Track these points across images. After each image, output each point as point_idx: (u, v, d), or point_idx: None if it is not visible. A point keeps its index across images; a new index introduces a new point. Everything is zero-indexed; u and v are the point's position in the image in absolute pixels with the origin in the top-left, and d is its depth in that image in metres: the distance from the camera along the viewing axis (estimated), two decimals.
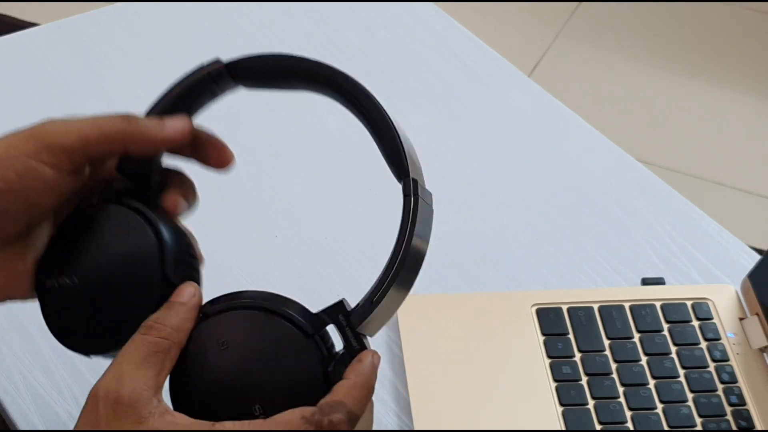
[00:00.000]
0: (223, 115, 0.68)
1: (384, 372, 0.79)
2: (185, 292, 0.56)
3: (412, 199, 0.58)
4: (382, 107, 0.61)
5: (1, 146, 0.58)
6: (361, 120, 0.62)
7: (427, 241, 0.59)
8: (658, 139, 2.17)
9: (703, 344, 0.80)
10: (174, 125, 0.60)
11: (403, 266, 0.58)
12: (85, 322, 0.58)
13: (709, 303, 0.83)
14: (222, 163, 0.63)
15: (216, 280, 0.61)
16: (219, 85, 0.64)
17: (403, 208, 0.59)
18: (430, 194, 0.59)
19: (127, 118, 0.59)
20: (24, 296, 0.61)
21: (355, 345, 0.56)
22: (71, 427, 0.75)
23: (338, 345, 0.57)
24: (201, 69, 0.63)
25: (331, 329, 0.57)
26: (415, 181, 0.59)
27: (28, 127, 0.59)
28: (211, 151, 0.63)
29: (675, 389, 0.77)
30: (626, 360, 0.79)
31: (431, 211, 0.59)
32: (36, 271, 0.59)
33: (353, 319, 0.57)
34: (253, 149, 0.97)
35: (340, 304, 0.57)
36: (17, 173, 0.57)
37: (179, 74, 0.63)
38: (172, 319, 0.55)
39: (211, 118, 0.65)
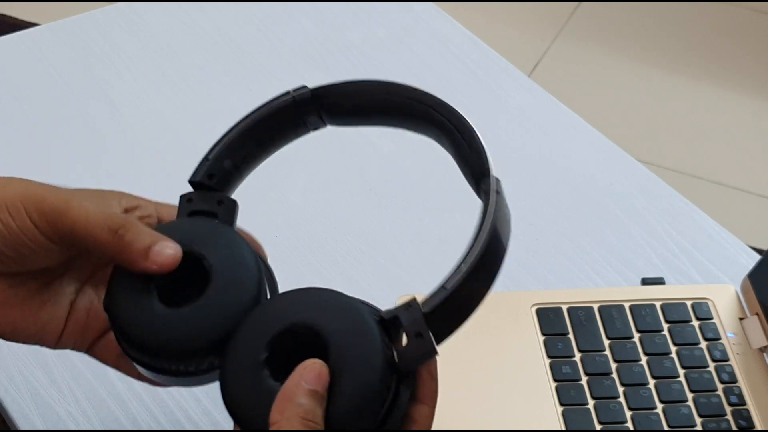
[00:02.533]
0: (220, 116, 0.68)
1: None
2: (312, 375, 0.54)
3: (492, 196, 0.57)
4: (470, 123, 0.62)
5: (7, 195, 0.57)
6: (443, 135, 0.62)
7: (509, 231, 0.58)
8: (658, 139, 2.17)
9: (703, 344, 0.80)
10: (158, 261, 0.57)
11: (484, 273, 0.56)
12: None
13: (709, 303, 0.83)
14: None
15: None
16: (303, 113, 0.64)
17: (487, 203, 0.57)
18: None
19: (117, 234, 0.57)
20: (49, 344, 0.61)
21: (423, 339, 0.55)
22: (71, 427, 0.76)
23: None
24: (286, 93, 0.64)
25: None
26: (497, 180, 0.59)
27: (25, 181, 0.58)
28: None
29: (675, 389, 0.77)
30: (626, 360, 0.79)
31: (508, 211, 0.59)
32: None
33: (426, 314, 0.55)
34: None
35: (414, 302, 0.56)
36: (18, 225, 0.57)
37: (179, 74, 0.63)
38: (319, 410, 0.53)
39: (208, 119, 0.65)
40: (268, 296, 0.59)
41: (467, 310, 0.56)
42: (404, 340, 0.55)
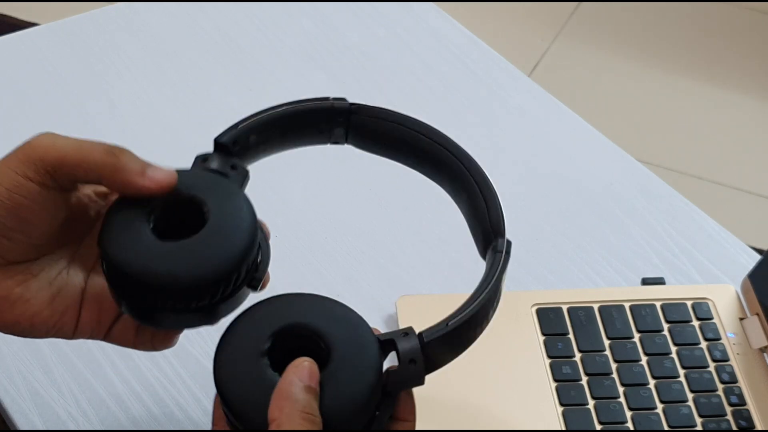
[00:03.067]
0: (220, 116, 0.68)
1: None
2: (305, 373, 0.55)
3: (504, 255, 0.61)
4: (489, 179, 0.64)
5: None
6: (459, 188, 0.65)
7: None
8: (658, 139, 2.17)
9: (703, 344, 0.80)
10: (155, 178, 0.58)
11: (482, 319, 0.60)
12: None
13: (709, 303, 0.83)
14: None
15: None
16: (330, 122, 0.65)
17: (492, 262, 0.61)
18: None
19: (113, 153, 0.58)
20: (67, 334, 0.62)
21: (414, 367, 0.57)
22: (71, 427, 0.76)
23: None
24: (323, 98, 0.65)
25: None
26: (509, 243, 0.62)
27: (24, 141, 0.59)
28: None
29: (675, 389, 0.77)
30: (626, 360, 0.79)
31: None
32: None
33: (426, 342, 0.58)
34: None
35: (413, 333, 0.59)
36: (6, 188, 0.57)
37: (179, 74, 0.64)
38: (315, 404, 0.55)
39: (208, 119, 0.65)
40: (260, 258, 0.60)
41: (458, 350, 0.59)
42: (396, 363, 0.58)
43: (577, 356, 0.79)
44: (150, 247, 0.57)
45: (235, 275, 0.58)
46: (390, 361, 0.58)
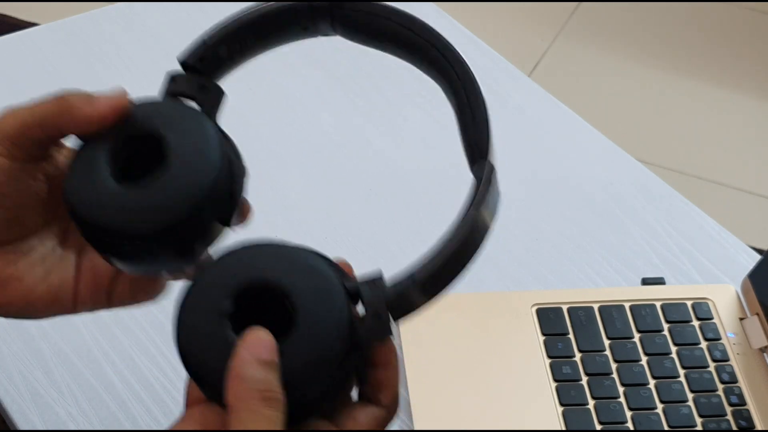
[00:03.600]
0: (223, 116, 0.68)
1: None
2: (259, 348, 0.51)
3: (485, 180, 0.56)
4: (480, 89, 0.60)
5: None
6: (450, 92, 0.61)
7: (491, 222, 0.56)
8: (658, 139, 2.17)
9: (704, 344, 0.80)
10: (102, 102, 0.58)
11: (469, 241, 0.55)
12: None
13: (709, 303, 0.83)
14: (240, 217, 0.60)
15: None
16: (315, 20, 0.61)
17: (473, 188, 0.56)
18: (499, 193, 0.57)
19: (59, 99, 0.58)
20: (68, 308, 0.60)
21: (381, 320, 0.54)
22: (71, 427, 0.76)
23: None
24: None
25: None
26: (492, 166, 0.57)
27: None
28: None
29: (675, 389, 0.77)
30: (626, 360, 0.79)
31: (499, 200, 0.57)
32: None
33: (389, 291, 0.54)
34: (252, 149, 0.97)
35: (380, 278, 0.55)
36: None
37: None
38: (275, 380, 0.51)
39: None
40: (232, 188, 0.57)
41: (428, 300, 0.55)
42: (362, 313, 0.54)
43: (577, 356, 0.79)
44: (107, 192, 0.55)
45: (195, 215, 0.54)
46: None
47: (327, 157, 0.98)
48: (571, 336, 0.81)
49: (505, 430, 0.75)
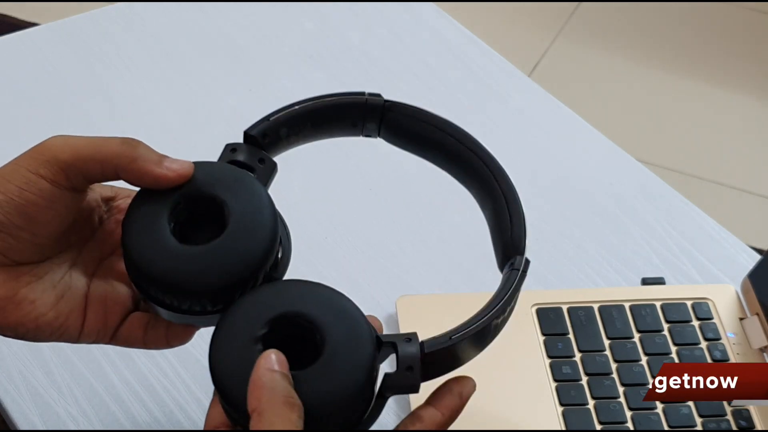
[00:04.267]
0: (220, 116, 0.68)
1: (383, 372, 0.79)
2: (274, 361, 0.55)
3: (520, 274, 0.62)
4: (518, 197, 0.65)
5: (9, 164, 0.59)
6: (488, 197, 0.66)
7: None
8: (658, 139, 2.17)
9: (704, 344, 0.80)
10: (172, 167, 0.59)
11: (487, 335, 0.60)
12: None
13: (709, 303, 0.83)
14: None
15: None
16: (364, 121, 0.66)
17: (506, 279, 0.62)
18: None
19: (129, 144, 0.58)
20: (73, 337, 0.62)
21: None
22: (71, 427, 0.76)
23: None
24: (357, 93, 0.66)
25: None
26: (528, 261, 0.63)
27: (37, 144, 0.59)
28: None
29: None
30: (626, 360, 0.79)
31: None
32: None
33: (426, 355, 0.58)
34: None
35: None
36: (18, 186, 0.57)
37: (179, 74, 0.64)
38: (292, 389, 0.54)
39: (208, 119, 0.65)
40: (281, 254, 0.61)
41: (458, 364, 0.59)
42: (394, 367, 0.57)
43: (577, 356, 0.79)
44: (170, 251, 0.57)
45: (252, 279, 0.58)
46: (390, 366, 0.58)
47: (327, 156, 0.98)
48: (571, 336, 0.81)
49: (505, 430, 0.75)
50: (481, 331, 0.58)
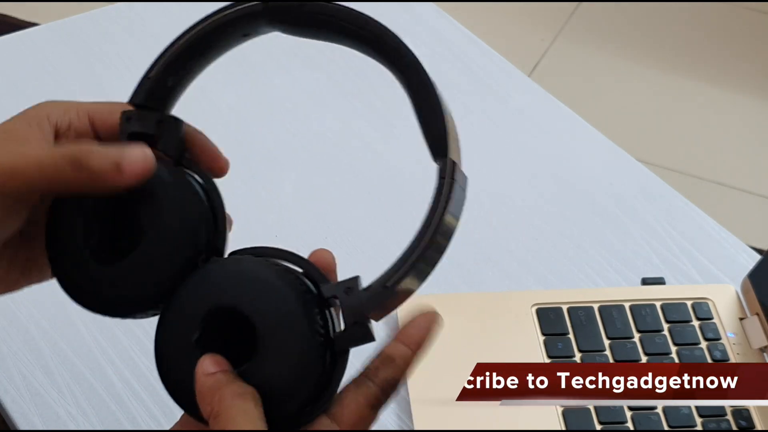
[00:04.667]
0: (220, 116, 0.68)
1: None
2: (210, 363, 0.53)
3: (446, 181, 0.56)
4: (433, 83, 0.60)
5: None
6: (406, 88, 0.61)
7: (456, 222, 0.57)
8: (658, 139, 2.17)
9: (704, 344, 0.80)
10: (133, 168, 0.55)
11: (432, 245, 0.56)
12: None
13: (709, 303, 0.83)
14: (216, 170, 0.60)
15: None
16: (253, 25, 0.62)
17: (435, 189, 0.57)
18: (466, 178, 0.58)
19: (78, 162, 0.54)
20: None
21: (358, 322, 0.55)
22: (71, 427, 0.76)
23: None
24: (237, 6, 0.62)
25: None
26: (453, 163, 0.57)
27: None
28: (203, 158, 0.60)
29: None
30: (626, 360, 0.79)
31: (464, 197, 0.58)
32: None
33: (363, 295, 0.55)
34: (252, 149, 0.97)
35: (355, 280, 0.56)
36: None
37: None
38: (237, 379, 0.53)
39: (208, 120, 0.65)
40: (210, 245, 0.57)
41: (402, 302, 0.56)
42: (341, 321, 0.55)
43: (577, 356, 0.79)
44: (93, 275, 0.55)
45: (184, 273, 0.55)
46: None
47: (326, 157, 0.98)
48: (571, 336, 0.81)
49: (505, 430, 0.75)
50: (416, 263, 0.56)
